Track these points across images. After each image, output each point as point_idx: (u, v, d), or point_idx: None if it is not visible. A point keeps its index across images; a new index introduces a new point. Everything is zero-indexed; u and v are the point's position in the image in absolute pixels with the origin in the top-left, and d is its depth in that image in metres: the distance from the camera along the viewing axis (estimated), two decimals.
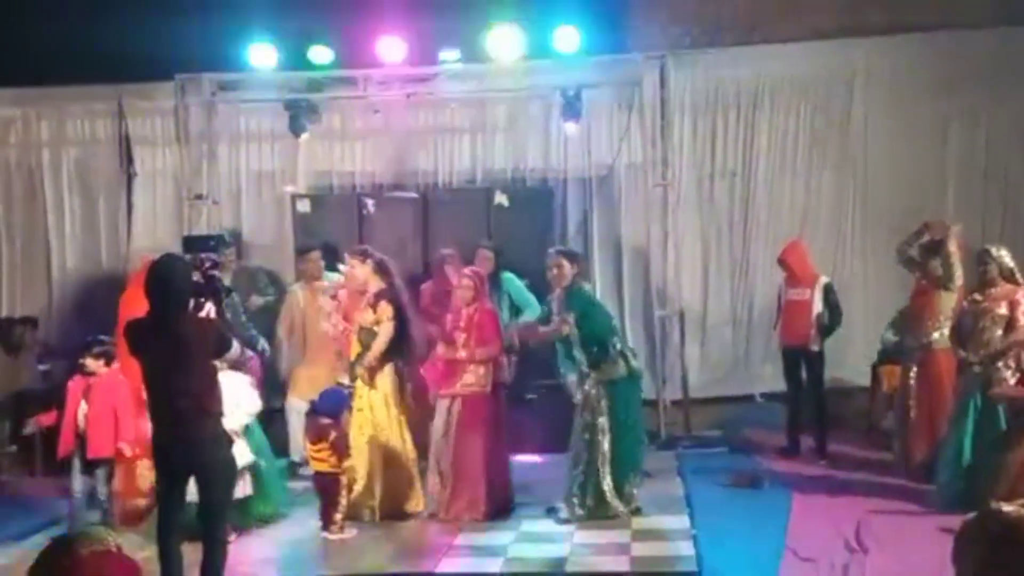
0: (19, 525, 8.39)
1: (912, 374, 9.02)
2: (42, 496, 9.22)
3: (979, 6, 10.87)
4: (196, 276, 6.38)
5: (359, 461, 8.13)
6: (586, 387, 8.01)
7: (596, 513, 7.94)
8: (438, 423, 8.29)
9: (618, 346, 8.15)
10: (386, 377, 8.30)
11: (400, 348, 8.39)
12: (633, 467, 8.16)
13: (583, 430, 7.98)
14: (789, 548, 7.12)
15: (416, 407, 8.62)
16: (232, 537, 7.19)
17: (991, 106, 11.12)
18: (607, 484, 7.97)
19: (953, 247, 8.82)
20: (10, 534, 8.15)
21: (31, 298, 11.99)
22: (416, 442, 8.43)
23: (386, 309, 8.25)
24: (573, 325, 7.98)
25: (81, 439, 7.81)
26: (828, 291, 9.92)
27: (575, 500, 7.99)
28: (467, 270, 8.66)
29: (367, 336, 8.29)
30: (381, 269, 8.46)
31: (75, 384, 7.93)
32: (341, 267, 9.29)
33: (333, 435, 7.87)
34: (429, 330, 8.72)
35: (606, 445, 7.94)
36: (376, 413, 8.23)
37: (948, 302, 8.86)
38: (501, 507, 8.22)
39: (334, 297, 9.12)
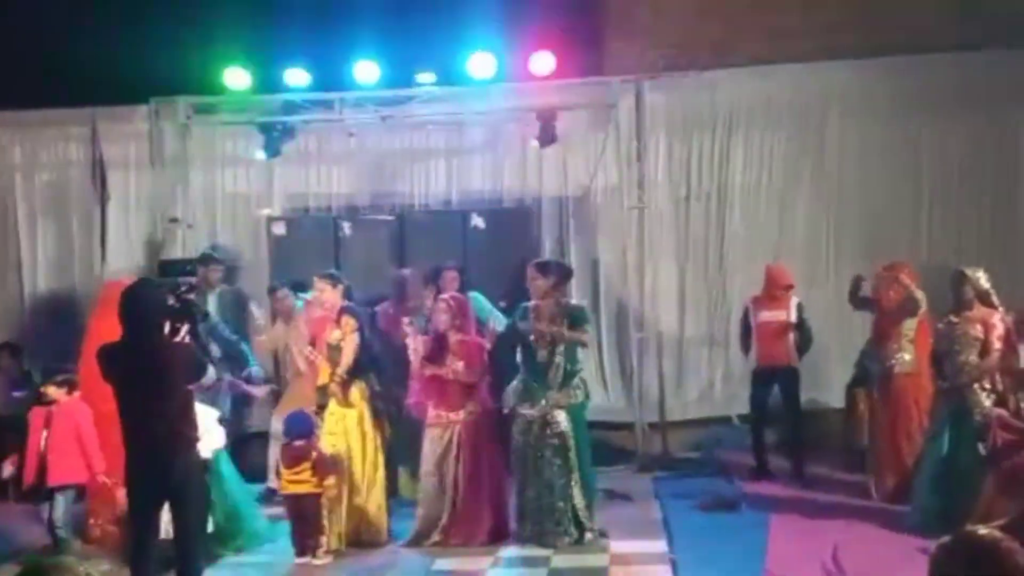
0: None
1: (877, 398, 9.07)
2: (13, 523, 9.09)
3: (952, 30, 10.95)
4: (171, 300, 6.33)
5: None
6: (545, 408, 7.94)
7: (580, 538, 7.91)
8: (434, 449, 8.14)
9: (580, 371, 8.19)
10: (359, 398, 8.24)
11: (372, 367, 8.36)
12: (593, 488, 8.16)
13: (553, 455, 7.89)
14: (767, 571, 7.11)
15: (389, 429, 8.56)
16: None
17: (964, 128, 11.19)
18: (580, 505, 7.95)
19: (898, 293, 8.93)
20: None
21: (4, 323, 11.88)
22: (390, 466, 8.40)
23: (349, 322, 8.22)
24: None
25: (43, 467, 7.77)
26: (800, 310, 9.98)
27: (559, 528, 7.92)
28: (445, 295, 8.64)
29: (335, 354, 8.25)
30: (347, 293, 8.46)
31: (35, 414, 7.91)
32: (309, 294, 9.24)
33: (314, 454, 7.82)
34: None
35: (576, 469, 7.93)
36: (350, 436, 8.14)
37: (910, 325, 8.94)
38: (501, 532, 8.14)
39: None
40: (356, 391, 8.21)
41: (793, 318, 9.90)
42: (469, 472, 8.06)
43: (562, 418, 7.95)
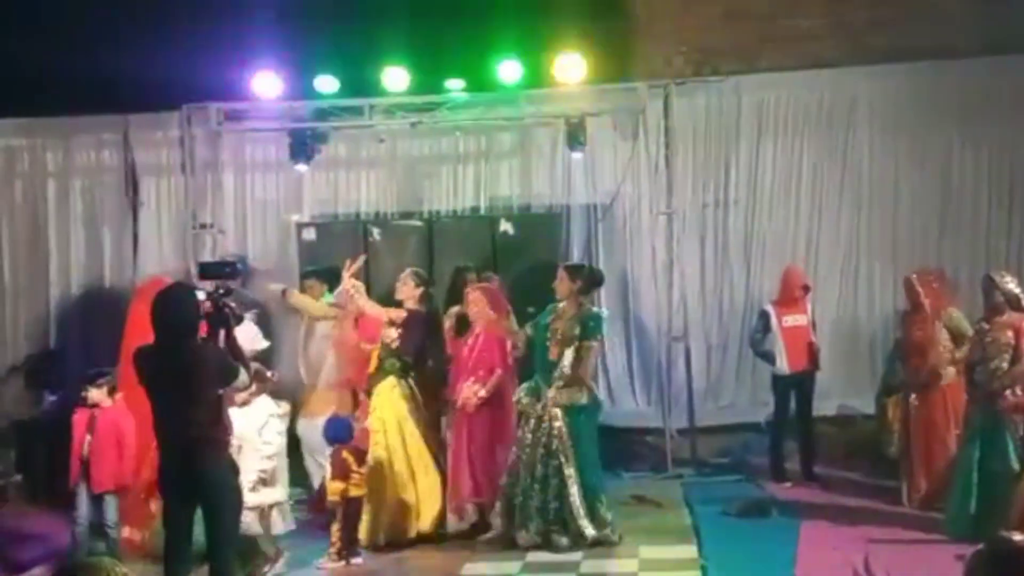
0: (23, 554, 8.34)
1: (913, 406, 9.02)
2: (46, 526, 9.16)
3: (980, 34, 10.90)
4: (207, 304, 6.36)
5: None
6: (546, 406, 8.00)
7: (576, 541, 7.91)
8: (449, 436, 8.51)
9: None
10: (399, 397, 8.36)
11: (418, 366, 8.51)
12: (597, 492, 8.11)
13: (547, 455, 7.96)
14: None
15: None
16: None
17: (994, 133, 11.13)
18: (578, 507, 7.94)
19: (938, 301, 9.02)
20: (13, 564, 8.11)
21: (36, 328, 11.98)
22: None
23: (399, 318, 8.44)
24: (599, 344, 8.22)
25: (86, 470, 7.84)
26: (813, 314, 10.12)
27: (553, 527, 7.96)
28: (474, 287, 8.86)
29: (386, 353, 8.41)
30: (425, 299, 8.68)
31: (79, 418, 7.96)
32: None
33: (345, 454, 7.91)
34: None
35: (571, 468, 7.93)
36: (389, 436, 8.27)
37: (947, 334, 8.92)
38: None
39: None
40: (395, 394, 8.34)
41: (811, 320, 10.02)
42: (454, 458, 8.37)
43: (559, 417, 7.98)
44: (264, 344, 8.17)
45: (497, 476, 8.26)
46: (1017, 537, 3.20)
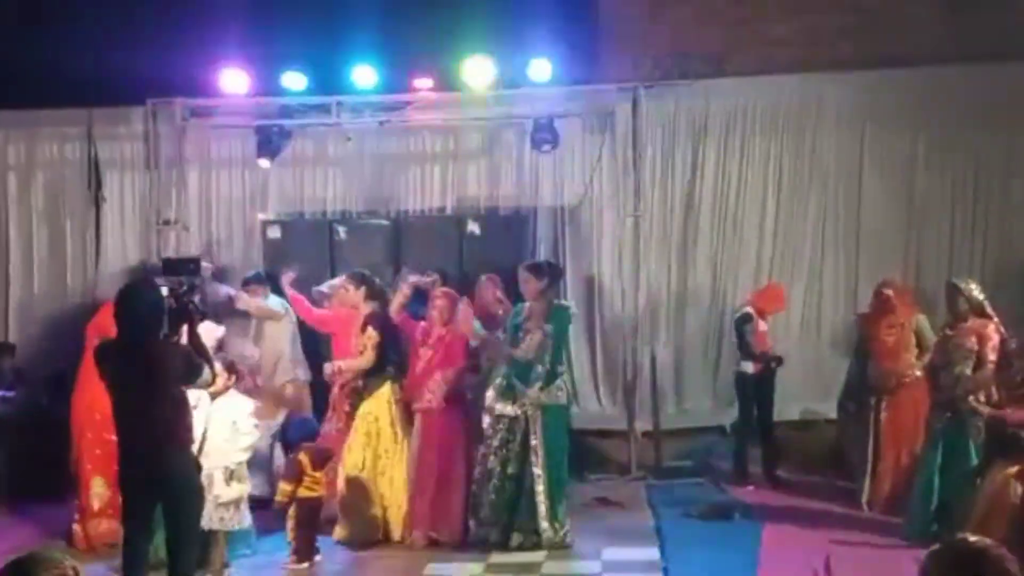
0: None
1: (883, 408, 9.06)
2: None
3: (948, 42, 10.98)
4: (170, 300, 6.31)
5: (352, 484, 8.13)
6: (522, 407, 7.95)
7: (529, 539, 7.87)
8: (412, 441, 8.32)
9: (563, 374, 8.15)
10: (389, 403, 8.30)
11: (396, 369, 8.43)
12: (561, 493, 8.06)
13: (518, 453, 7.91)
14: None
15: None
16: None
17: (959, 139, 11.20)
18: (544, 508, 7.90)
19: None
20: None
21: None
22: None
23: (371, 336, 8.30)
24: (548, 336, 7.96)
25: None
26: None
27: (514, 526, 7.93)
28: (440, 290, 8.68)
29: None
30: (373, 295, 8.51)
31: None
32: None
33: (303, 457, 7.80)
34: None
35: (539, 468, 7.89)
36: (382, 439, 8.22)
37: (914, 339, 9.02)
38: (463, 528, 8.16)
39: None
40: (385, 399, 8.27)
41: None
42: (423, 466, 8.17)
43: (539, 418, 7.92)
44: (221, 330, 8.02)
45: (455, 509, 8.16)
46: (972, 538, 3.20)
